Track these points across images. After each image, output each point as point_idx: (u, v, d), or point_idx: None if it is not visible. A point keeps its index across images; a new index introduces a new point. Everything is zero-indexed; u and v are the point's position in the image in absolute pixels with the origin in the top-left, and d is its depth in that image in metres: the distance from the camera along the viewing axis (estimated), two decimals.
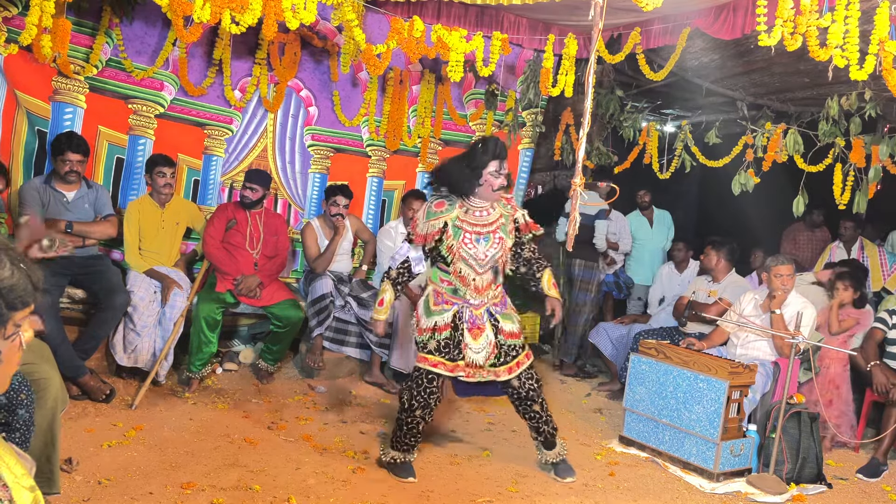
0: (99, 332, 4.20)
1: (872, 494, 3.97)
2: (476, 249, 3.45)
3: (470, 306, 3.51)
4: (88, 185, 4.36)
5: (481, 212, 3.50)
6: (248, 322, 5.14)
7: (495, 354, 3.51)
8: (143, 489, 3.07)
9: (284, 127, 5.40)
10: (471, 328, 3.49)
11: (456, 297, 3.51)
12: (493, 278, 3.53)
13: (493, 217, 3.52)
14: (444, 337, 3.47)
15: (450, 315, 3.49)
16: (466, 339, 3.48)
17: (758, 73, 5.46)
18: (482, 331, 3.50)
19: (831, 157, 5.21)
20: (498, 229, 3.51)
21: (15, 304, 1.27)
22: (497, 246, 3.49)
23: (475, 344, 3.48)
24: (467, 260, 3.45)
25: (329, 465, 3.55)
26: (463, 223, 3.46)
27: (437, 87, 5.73)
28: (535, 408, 3.63)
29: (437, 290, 3.55)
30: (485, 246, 3.46)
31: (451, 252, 3.45)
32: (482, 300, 3.52)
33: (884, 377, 4.39)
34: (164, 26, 4.73)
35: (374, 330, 3.78)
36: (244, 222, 4.75)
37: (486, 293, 3.52)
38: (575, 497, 3.51)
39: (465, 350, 3.48)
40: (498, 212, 3.54)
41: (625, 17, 4.76)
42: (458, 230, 3.45)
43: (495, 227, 3.50)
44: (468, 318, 3.50)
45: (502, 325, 3.54)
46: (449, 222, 3.46)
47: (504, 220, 3.54)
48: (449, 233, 3.45)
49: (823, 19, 3.42)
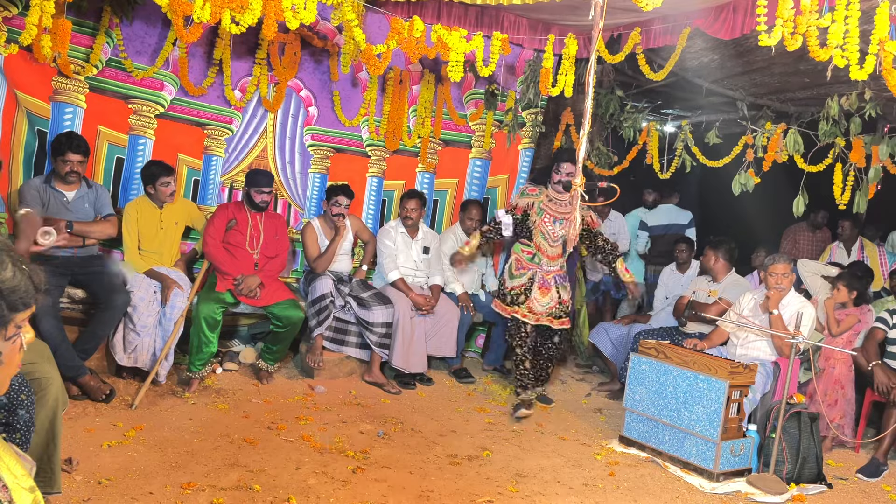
0: (99, 332, 4.20)
1: (872, 494, 3.97)
2: (552, 228, 4.74)
3: (542, 272, 4.75)
4: (88, 185, 4.36)
5: (561, 203, 4.76)
6: (248, 322, 5.14)
7: (555, 311, 4.75)
8: (143, 489, 3.08)
9: (284, 127, 5.40)
10: (541, 287, 4.73)
11: (532, 264, 4.77)
12: (560, 252, 4.77)
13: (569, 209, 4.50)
14: (517, 293, 4.74)
15: (525, 278, 4.74)
16: (535, 295, 4.71)
17: (758, 73, 5.46)
18: (549, 290, 4.74)
19: (831, 157, 5.21)
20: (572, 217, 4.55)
21: (16, 306, 1.27)
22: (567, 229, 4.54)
23: (542, 299, 4.72)
24: (545, 234, 4.75)
25: (329, 465, 3.55)
26: (546, 207, 4.77)
27: (437, 87, 5.73)
28: (550, 368, 4.93)
29: (518, 258, 4.82)
30: (558, 227, 4.74)
31: (535, 226, 4.77)
32: (552, 268, 4.77)
33: (885, 377, 4.39)
34: (164, 26, 4.73)
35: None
36: (244, 222, 4.75)
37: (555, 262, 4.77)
38: (575, 497, 3.51)
39: (532, 302, 4.71)
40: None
41: (625, 17, 4.76)
42: (541, 211, 4.76)
43: (569, 216, 4.51)
44: (539, 279, 4.73)
45: (563, 295, 4.79)
46: (535, 203, 4.77)
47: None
48: (534, 211, 4.77)
49: (823, 19, 3.42)
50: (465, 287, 5.53)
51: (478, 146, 6.02)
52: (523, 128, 5.98)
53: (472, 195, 6.00)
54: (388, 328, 4.97)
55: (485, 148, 5.99)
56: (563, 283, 4.79)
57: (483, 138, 5.96)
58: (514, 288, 4.73)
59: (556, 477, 3.74)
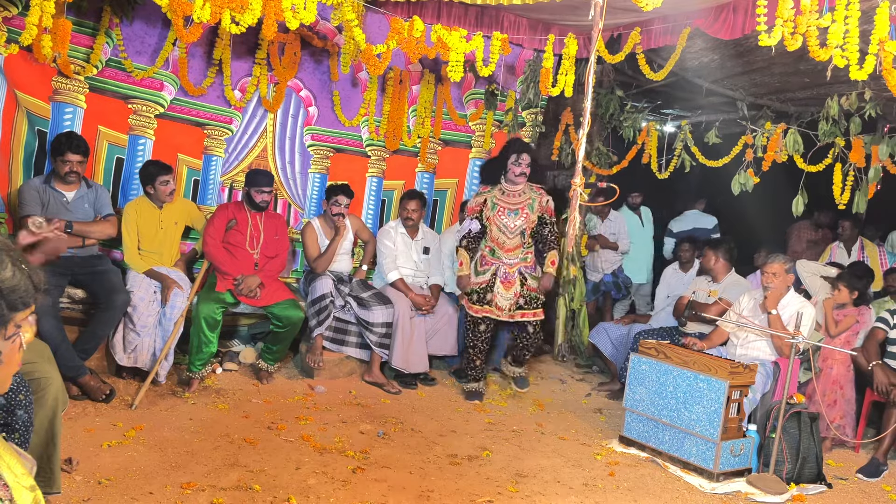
0: (99, 332, 4.20)
1: (872, 494, 3.97)
2: (507, 221, 4.80)
3: (504, 265, 4.81)
4: (88, 185, 4.36)
5: (513, 194, 4.83)
6: (248, 322, 5.14)
7: (520, 302, 4.80)
8: (143, 489, 3.07)
9: (284, 127, 5.40)
10: (503, 281, 4.79)
11: (494, 259, 4.83)
12: (520, 243, 4.83)
13: (523, 198, 4.83)
14: (483, 290, 4.81)
15: (489, 274, 4.82)
16: (498, 290, 4.79)
17: (758, 73, 5.46)
18: (511, 283, 4.80)
19: (831, 156, 5.21)
20: (525, 207, 4.81)
21: (16, 305, 1.27)
22: (523, 219, 4.80)
23: (505, 293, 4.79)
24: (500, 227, 4.80)
25: (329, 465, 3.55)
26: (499, 201, 4.84)
27: (437, 87, 5.73)
28: (527, 355, 5.09)
29: (483, 254, 4.89)
30: (513, 218, 4.79)
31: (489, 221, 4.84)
32: (513, 260, 4.83)
33: (885, 377, 4.39)
34: (164, 26, 4.73)
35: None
36: (244, 222, 4.75)
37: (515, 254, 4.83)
38: (575, 497, 3.51)
39: (496, 298, 4.78)
40: (528, 195, 4.84)
41: (625, 17, 4.76)
42: (494, 205, 4.82)
43: (523, 205, 4.81)
44: (502, 274, 4.81)
45: (529, 282, 4.83)
46: (488, 200, 4.84)
47: (531, 201, 4.84)
48: (488, 207, 4.84)
49: (823, 19, 3.42)
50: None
51: (478, 146, 6.02)
52: (523, 128, 5.98)
53: (472, 195, 6.00)
54: (388, 328, 4.97)
55: (485, 148, 5.99)
56: (531, 272, 4.86)
57: (483, 138, 5.96)
58: (478, 284, 4.82)
59: (556, 477, 3.74)
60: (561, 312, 6.22)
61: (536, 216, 4.83)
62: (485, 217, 4.84)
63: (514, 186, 4.81)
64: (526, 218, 4.81)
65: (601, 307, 6.94)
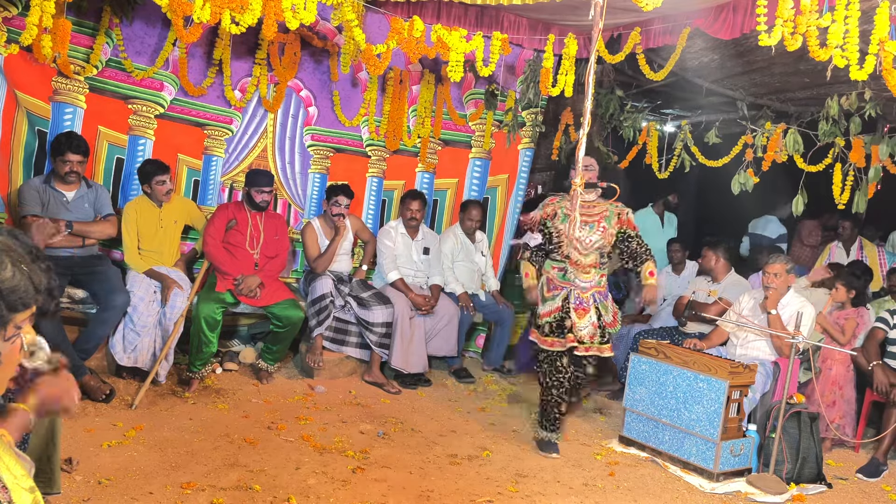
0: (99, 332, 4.20)
1: (872, 494, 3.97)
2: (582, 235, 4.07)
3: (577, 289, 4.07)
4: (88, 185, 4.36)
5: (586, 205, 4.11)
6: (248, 322, 5.14)
7: (598, 334, 4.07)
8: (143, 489, 3.08)
9: (284, 127, 5.40)
10: (577, 308, 4.06)
11: (565, 282, 4.09)
12: (595, 262, 4.10)
13: (599, 210, 4.14)
14: (556, 318, 4.05)
15: (559, 300, 4.07)
16: (574, 319, 4.04)
17: (758, 73, 5.45)
18: (586, 311, 4.06)
19: (831, 156, 5.21)
20: (602, 220, 4.11)
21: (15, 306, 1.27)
22: (600, 234, 4.08)
23: (580, 322, 4.05)
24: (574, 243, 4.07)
25: (329, 465, 3.55)
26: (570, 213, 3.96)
27: (437, 87, 5.73)
28: (573, 399, 4.43)
29: (550, 277, 4.16)
30: (589, 232, 4.07)
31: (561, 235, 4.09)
32: (589, 283, 4.09)
33: (885, 377, 4.39)
34: (164, 26, 4.73)
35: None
36: (244, 222, 4.75)
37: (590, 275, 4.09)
38: (575, 497, 3.51)
39: (575, 329, 4.03)
40: (604, 206, 4.16)
41: (625, 17, 4.75)
42: (565, 217, 4.09)
43: (599, 218, 4.11)
44: (575, 299, 4.06)
45: (602, 313, 4.12)
46: (557, 211, 4.14)
47: (608, 214, 4.14)
48: (557, 219, 4.13)
49: (823, 19, 3.42)
50: (465, 287, 5.53)
51: (478, 146, 6.02)
52: (523, 128, 5.98)
53: (471, 195, 6.01)
54: (388, 328, 4.97)
55: (485, 148, 5.99)
56: (604, 300, 4.14)
57: (483, 138, 5.96)
58: (549, 313, 4.07)
59: (556, 477, 3.74)
60: None
61: (615, 230, 4.12)
62: (554, 230, 4.13)
63: (585, 195, 4.08)
64: (603, 232, 4.08)
65: None
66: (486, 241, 5.85)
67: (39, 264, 1.32)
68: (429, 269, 5.46)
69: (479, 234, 5.77)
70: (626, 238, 4.17)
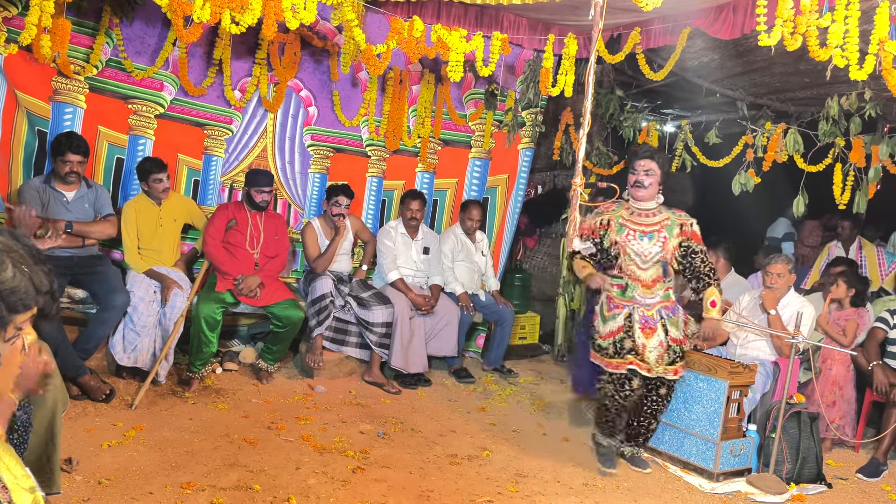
0: (99, 332, 4.21)
1: (872, 494, 3.97)
2: (641, 247, 3.74)
3: (641, 306, 3.73)
4: (88, 185, 4.36)
5: (644, 213, 3.80)
6: (248, 322, 5.14)
7: (667, 354, 3.73)
8: (143, 489, 3.08)
9: (284, 127, 5.40)
10: (643, 327, 3.71)
11: (626, 300, 3.75)
12: (659, 275, 3.74)
13: (659, 219, 3.79)
14: (619, 339, 3.72)
15: (621, 318, 3.73)
16: (640, 339, 3.70)
17: (758, 73, 5.45)
18: (653, 330, 3.71)
19: (831, 157, 5.21)
20: (662, 230, 3.76)
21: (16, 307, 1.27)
22: (660, 245, 3.74)
23: (647, 342, 3.70)
24: (632, 256, 3.74)
25: (329, 465, 3.55)
26: (626, 222, 3.79)
27: (437, 87, 5.73)
28: (653, 426, 3.95)
29: (609, 295, 3.81)
30: (649, 244, 3.74)
31: (618, 248, 3.77)
32: (653, 299, 3.74)
33: (884, 377, 4.39)
34: (164, 26, 4.73)
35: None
36: (244, 222, 4.75)
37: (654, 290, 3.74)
38: (575, 497, 3.51)
39: (643, 350, 3.69)
40: (664, 215, 3.80)
41: (625, 17, 4.75)
42: (621, 227, 3.78)
43: (659, 228, 3.76)
44: (639, 318, 3.71)
45: (670, 330, 3.74)
46: (612, 220, 3.80)
47: (669, 223, 3.78)
48: (613, 229, 3.79)
49: (823, 19, 3.42)
50: (465, 287, 5.53)
51: (477, 146, 6.02)
52: (523, 128, 5.98)
53: (471, 195, 6.01)
54: (388, 328, 4.97)
55: (484, 148, 5.99)
56: (672, 315, 3.77)
57: (483, 138, 5.96)
58: (611, 334, 3.73)
59: (556, 477, 3.74)
60: (561, 312, 6.23)
61: (677, 242, 3.74)
62: (609, 242, 3.80)
63: (640, 204, 3.80)
64: (664, 244, 3.74)
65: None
66: (486, 241, 5.85)
67: (41, 266, 1.32)
68: (429, 269, 5.46)
69: (479, 233, 5.77)
70: (689, 253, 3.75)
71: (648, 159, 3.75)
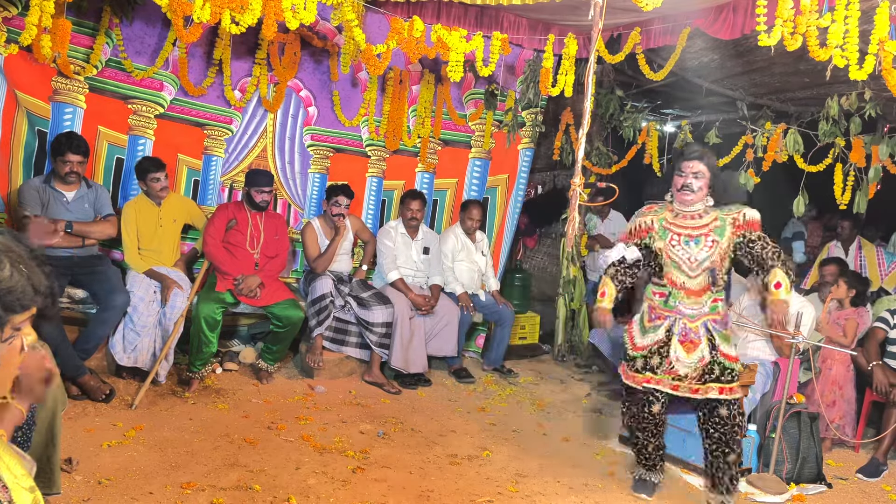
0: (99, 332, 4.21)
1: (872, 494, 3.97)
2: (686, 252, 3.40)
3: (684, 318, 3.41)
4: (88, 185, 4.36)
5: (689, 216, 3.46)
6: (248, 322, 5.15)
7: (708, 371, 3.36)
8: (143, 489, 3.08)
9: (284, 127, 5.40)
10: (683, 340, 3.38)
11: (668, 310, 3.44)
12: (706, 284, 3.39)
13: (706, 221, 3.44)
14: (652, 352, 3.44)
15: (662, 331, 3.43)
16: (677, 352, 3.38)
17: (758, 73, 5.45)
18: (696, 345, 3.37)
19: (831, 157, 5.21)
20: (711, 233, 3.41)
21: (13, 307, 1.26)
22: (708, 250, 3.39)
23: (686, 358, 3.37)
24: (678, 262, 3.40)
25: (329, 465, 3.56)
26: (671, 225, 3.46)
27: (437, 87, 5.73)
28: (731, 457, 3.47)
29: (651, 304, 3.54)
30: (695, 249, 3.40)
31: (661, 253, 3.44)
32: (698, 310, 3.40)
33: (884, 377, 4.39)
34: (164, 26, 4.73)
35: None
36: (245, 222, 4.75)
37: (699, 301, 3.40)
38: (575, 497, 3.51)
39: (675, 363, 3.38)
40: (713, 216, 3.45)
41: (625, 17, 4.75)
42: (665, 231, 3.45)
43: (708, 231, 3.41)
44: (680, 330, 3.40)
45: (719, 344, 3.39)
46: (656, 223, 3.48)
47: (720, 226, 3.42)
48: (656, 233, 3.47)
49: (823, 19, 3.42)
50: (465, 287, 5.53)
51: (477, 146, 6.02)
52: (523, 128, 5.98)
53: (471, 195, 6.01)
54: (388, 328, 4.97)
55: (484, 148, 5.99)
56: (722, 330, 3.44)
57: (483, 138, 5.96)
58: (646, 346, 3.46)
59: (556, 477, 3.74)
60: (561, 312, 6.23)
61: (732, 241, 3.39)
62: (655, 248, 3.48)
63: (685, 206, 3.46)
64: (712, 247, 3.38)
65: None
66: (486, 241, 5.86)
67: (42, 267, 1.32)
68: (429, 269, 5.46)
69: (479, 233, 5.77)
70: (748, 242, 3.38)
71: (697, 160, 3.44)
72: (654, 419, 3.52)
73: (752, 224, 3.41)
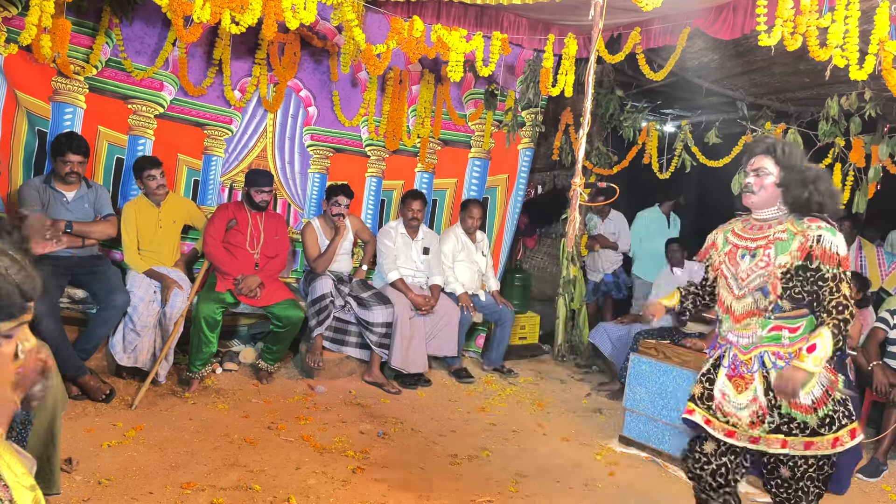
0: (99, 332, 4.20)
1: (872, 494, 3.97)
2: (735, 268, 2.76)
3: (734, 347, 2.75)
4: (88, 185, 4.36)
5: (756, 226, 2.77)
6: (248, 322, 5.14)
7: (767, 419, 2.63)
8: (143, 489, 3.07)
9: (284, 127, 5.40)
10: (731, 375, 2.72)
11: (722, 338, 2.83)
12: (756, 308, 2.68)
13: (770, 232, 2.70)
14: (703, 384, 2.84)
15: (710, 361, 2.85)
16: (724, 388, 2.73)
17: (758, 73, 5.45)
18: (748, 382, 2.67)
19: (831, 157, 5.21)
20: (771, 245, 2.66)
21: None
22: (762, 265, 2.67)
23: (736, 397, 2.70)
24: (727, 279, 2.78)
25: (329, 465, 3.55)
26: (734, 238, 2.83)
27: (437, 87, 5.73)
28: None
29: (714, 329, 3.03)
30: (747, 264, 2.72)
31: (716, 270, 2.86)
32: (749, 339, 2.71)
33: (884, 377, 4.39)
34: (164, 26, 4.73)
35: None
36: (245, 222, 4.75)
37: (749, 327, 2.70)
38: (575, 497, 3.51)
39: (721, 401, 2.73)
40: (782, 226, 2.67)
41: (625, 17, 4.75)
42: (726, 243, 2.86)
43: (766, 244, 2.68)
44: (730, 362, 2.75)
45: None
46: (719, 236, 2.92)
47: (786, 238, 2.63)
48: (717, 248, 2.90)
49: (823, 19, 3.42)
50: (465, 287, 5.53)
51: (477, 146, 6.02)
52: (523, 128, 5.98)
53: (471, 195, 6.01)
54: (388, 328, 4.97)
55: (484, 148, 5.99)
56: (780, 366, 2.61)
57: (483, 138, 5.96)
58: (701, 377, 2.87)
59: (556, 477, 3.74)
60: (561, 312, 6.23)
61: (793, 261, 2.58)
62: (712, 265, 2.91)
63: (756, 213, 2.77)
64: (768, 263, 2.65)
65: (601, 307, 6.93)
66: (486, 241, 5.86)
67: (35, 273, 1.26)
68: (429, 269, 5.46)
69: (479, 233, 5.77)
70: (817, 280, 2.57)
71: (763, 154, 2.70)
72: (708, 462, 2.77)
73: (827, 256, 2.55)
